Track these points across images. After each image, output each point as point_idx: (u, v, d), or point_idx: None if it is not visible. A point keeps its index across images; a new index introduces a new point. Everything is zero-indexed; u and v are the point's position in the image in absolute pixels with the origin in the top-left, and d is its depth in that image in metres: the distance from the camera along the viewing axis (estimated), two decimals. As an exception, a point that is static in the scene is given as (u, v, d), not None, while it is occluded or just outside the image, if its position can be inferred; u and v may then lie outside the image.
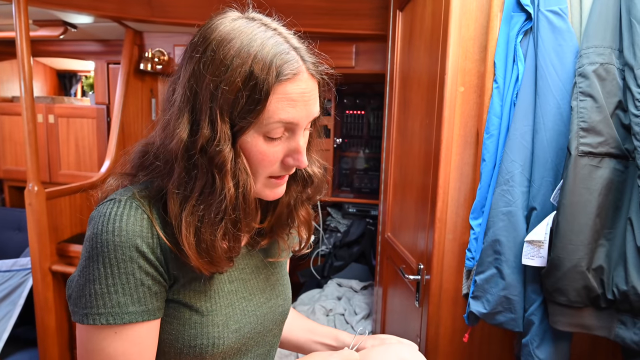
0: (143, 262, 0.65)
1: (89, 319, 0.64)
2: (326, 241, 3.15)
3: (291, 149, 0.70)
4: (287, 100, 0.65)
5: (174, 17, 2.47)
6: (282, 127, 0.67)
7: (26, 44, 2.04)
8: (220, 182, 0.65)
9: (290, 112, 0.66)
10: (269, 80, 0.63)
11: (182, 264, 0.70)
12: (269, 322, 0.84)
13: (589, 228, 1.05)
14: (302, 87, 0.67)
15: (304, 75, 0.67)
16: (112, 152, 2.71)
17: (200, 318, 0.72)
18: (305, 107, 0.68)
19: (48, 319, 2.23)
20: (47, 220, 2.18)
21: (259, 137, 0.67)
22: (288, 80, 0.65)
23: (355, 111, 3.12)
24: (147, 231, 0.66)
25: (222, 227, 0.68)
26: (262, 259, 0.86)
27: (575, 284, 1.07)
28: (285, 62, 0.64)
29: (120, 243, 0.63)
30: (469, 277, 1.36)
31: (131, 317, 0.65)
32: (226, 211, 0.67)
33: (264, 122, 0.65)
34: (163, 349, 0.72)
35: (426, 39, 1.58)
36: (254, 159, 0.68)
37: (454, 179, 1.39)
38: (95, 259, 0.64)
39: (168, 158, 0.67)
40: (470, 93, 1.36)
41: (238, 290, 0.79)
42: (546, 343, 1.17)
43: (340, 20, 2.49)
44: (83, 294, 0.65)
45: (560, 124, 1.14)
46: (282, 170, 0.72)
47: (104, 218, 0.65)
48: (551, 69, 1.13)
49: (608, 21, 1.06)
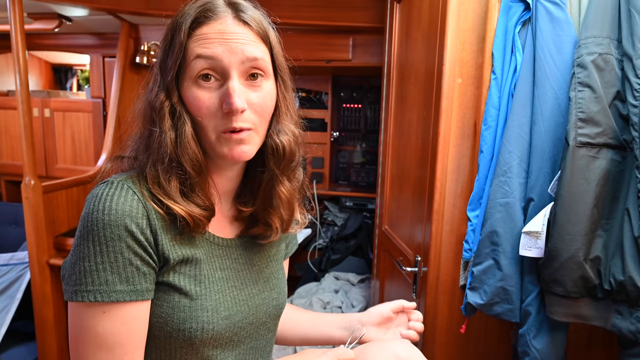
0: (132, 241, 0.66)
1: (77, 295, 0.65)
2: (323, 235, 3.15)
3: (224, 93, 0.70)
4: (203, 39, 0.70)
5: (170, 10, 2.43)
6: (206, 65, 0.70)
7: (21, 37, 2.02)
8: (158, 129, 0.71)
9: (208, 48, 0.70)
10: (184, 26, 0.70)
11: (173, 245, 0.71)
12: (262, 314, 0.83)
13: (586, 218, 1.05)
14: (220, 27, 0.70)
15: (227, 20, 0.71)
16: (108, 146, 2.69)
17: (190, 302, 0.72)
18: (226, 44, 0.70)
19: (46, 312, 2.23)
20: (44, 214, 2.17)
21: (192, 85, 0.71)
22: (203, 24, 0.70)
23: (352, 104, 3.11)
24: (137, 211, 0.67)
25: (173, 174, 0.72)
26: (256, 251, 0.86)
27: (573, 275, 1.07)
28: (205, 10, 0.71)
29: (109, 222, 0.65)
30: (466, 269, 1.36)
31: (119, 295, 0.66)
32: (170, 157, 0.71)
33: (188, 65, 0.70)
34: (154, 332, 0.72)
35: (423, 31, 1.57)
36: (192, 107, 0.71)
37: (451, 171, 1.39)
38: (86, 237, 0.65)
39: (139, 126, 0.75)
40: (468, 84, 1.36)
41: (229, 278, 0.79)
42: (543, 333, 1.17)
43: (337, 12, 2.47)
44: (74, 272, 0.66)
45: (558, 115, 1.14)
46: (225, 121, 0.71)
47: (95, 199, 0.67)
48: (549, 60, 1.13)
49: (607, 11, 1.06)
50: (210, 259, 0.77)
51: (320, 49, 2.62)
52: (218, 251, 0.79)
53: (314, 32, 2.58)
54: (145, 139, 0.74)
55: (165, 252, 0.70)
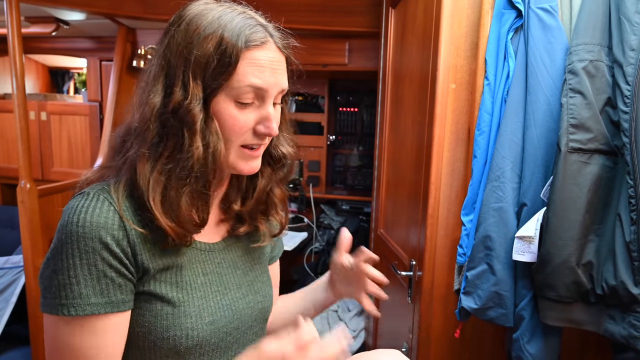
0: (106, 254, 0.66)
1: (52, 309, 0.65)
2: (320, 238, 3.15)
3: (262, 117, 0.72)
4: (256, 65, 0.69)
5: (167, 14, 2.43)
6: (252, 92, 0.70)
7: (18, 41, 2.02)
8: (188, 140, 0.68)
9: (259, 77, 0.69)
10: (238, 46, 0.68)
11: (152, 254, 0.70)
12: (248, 318, 0.83)
13: (578, 224, 1.06)
14: (269, 55, 0.71)
15: (272, 46, 0.72)
16: (104, 150, 2.69)
17: (172, 309, 0.72)
18: (274, 74, 0.71)
19: (40, 316, 2.20)
20: (39, 218, 2.16)
21: (230, 102, 0.70)
22: (256, 47, 0.69)
23: (349, 108, 3.12)
24: (113, 223, 0.67)
25: (188, 186, 0.70)
26: (240, 254, 0.86)
27: (565, 279, 1.08)
28: (253, 32, 0.69)
29: (83, 234, 0.64)
30: (461, 273, 1.37)
31: (93, 308, 0.65)
32: (193, 169, 0.69)
33: (234, 86, 0.69)
34: (137, 343, 0.72)
35: (418, 36, 1.58)
36: (226, 124, 0.71)
37: (445, 176, 1.40)
38: (60, 250, 0.65)
39: (142, 124, 0.70)
40: (461, 90, 1.37)
41: (212, 283, 0.79)
42: (536, 338, 1.18)
43: (333, 17, 2.49)
44: (50, 285, 0.66)
45: (550, 121, 1.14)
46: (254, 139, 0.74)
47: (71, 211, 0.66)
48: (541, 66, 1.14)
49: (598, 18, 1.07)
50: (192, 264, 0.77)
51: (317, 53, 2.63)
52: (200, 256, 0.79)
53: (311, 37, 2.59)
54: (154, 146, 0.69)
55: (145, 262, 0.70)
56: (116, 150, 0.75)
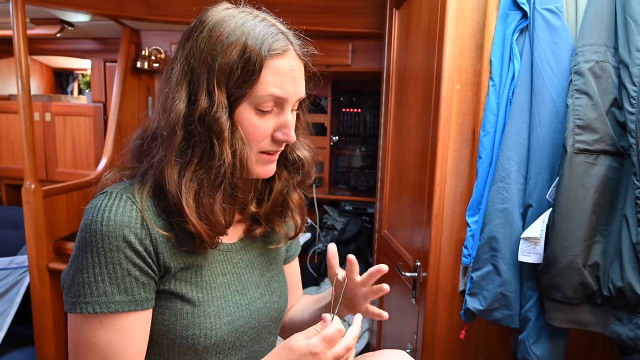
0: (130, 252, 0.66)
1: (76, 307, 0.66)
2: (323, 239, 3.15)
3: (280, 124, 0.74)
4: (278, 74, 0.70)
5: (171, 15, 2.46)
6: (272, 101, 0.71)
7: (23, 42, 2.03)
8: (219, 148, 0.69)
9: (280, 87, 0.70)
10: (262, 54, 0.68)
11: (174, 253, 0.71)
12: (264, 318, 0.84)
13: (584, 225, 1.06)
14: (290, 63, 0.72)
15: (292, 54, 0.72)
16: (108, 151, 2.70)
17: (192, 308, 0.73)
18: (294, 83, 0.72)
19: (45, 317, 2.22)
20: (44, 218, 2.17)
21: (251, 110, 0.71)
22: (278, 55, 0.70)
23: (352, 109, 3.11)
24: (136, 222, 0.67)
25: (221, 191, 0.71)
26: (256, 255, 0.87)
27: (571, 281, 1.07)
28: (275, 40, 0.70)
29: (107, 233, 0.65)
30: (466, 274, 1.37)
31: (117, 306, 0.66)
32: (225, 175, 0.70)
33: (257, 94, 0.69)
34: (156, 340, 0.73)
35: (422, 37, 1.58)
36: (247, 132, 0.72)
37: (450, 177, 1.40)
38: (84, 248, 0.66)
39: (168, 130, 0.70)
40: (466, 91, 1.36)
41: (231, 283, 0.79)
42: (542, 339, 1.17)
43: (337, 18, 2.49)
44: (73, 283, 0.66)
45: (556, 122, 1.14)
46: (272, 145, 0.75)
47: (94, 210, 0.67)
48: (547, 67, 1.14)
49: (603, 19, 1.07)
50: (212, 264, 0.78)
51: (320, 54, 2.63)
52: (219, 256, 0.80)
53: (314, 38, 2.59)
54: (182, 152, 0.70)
55: (167, 261, 0.71)
56: (137, 154, 0.76)
